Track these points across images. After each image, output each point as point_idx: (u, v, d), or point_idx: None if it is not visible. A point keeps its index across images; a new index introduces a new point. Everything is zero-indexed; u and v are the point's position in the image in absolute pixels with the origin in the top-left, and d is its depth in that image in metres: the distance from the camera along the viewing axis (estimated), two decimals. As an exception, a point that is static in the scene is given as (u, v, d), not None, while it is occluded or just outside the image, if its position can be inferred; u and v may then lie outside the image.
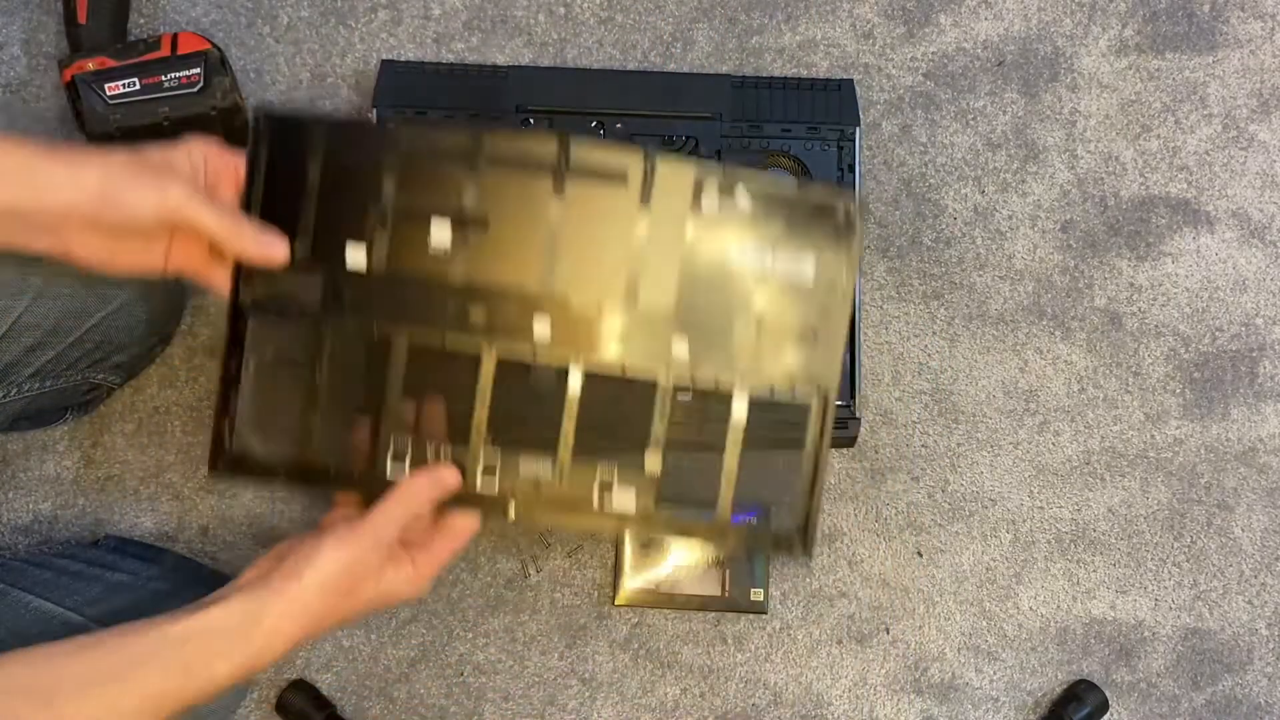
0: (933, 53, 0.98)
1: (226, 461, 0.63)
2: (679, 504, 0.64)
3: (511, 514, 0.64)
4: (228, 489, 0.91)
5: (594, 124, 0.92)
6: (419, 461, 0.64)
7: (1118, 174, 0.98)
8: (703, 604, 0.90)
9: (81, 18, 0.88)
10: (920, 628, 0.93)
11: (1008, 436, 0.95)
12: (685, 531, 0.65)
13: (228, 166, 0.66)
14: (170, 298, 0.85)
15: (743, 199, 0.62)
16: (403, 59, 0.95)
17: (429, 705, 0.91)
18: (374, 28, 0.97)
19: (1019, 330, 0.96)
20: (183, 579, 0.82)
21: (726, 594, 0.90)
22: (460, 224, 0.61)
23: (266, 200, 0.63)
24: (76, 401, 0.85)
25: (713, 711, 0.92)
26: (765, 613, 0.91)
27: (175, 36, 0.87)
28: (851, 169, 0.92)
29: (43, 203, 0.60)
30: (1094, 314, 0.96)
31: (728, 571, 0.90)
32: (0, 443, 0.90)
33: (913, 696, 0.93)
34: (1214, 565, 0.95)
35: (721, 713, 0.92)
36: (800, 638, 0.92)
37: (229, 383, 0.63)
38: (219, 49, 0.87)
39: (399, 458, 0.64)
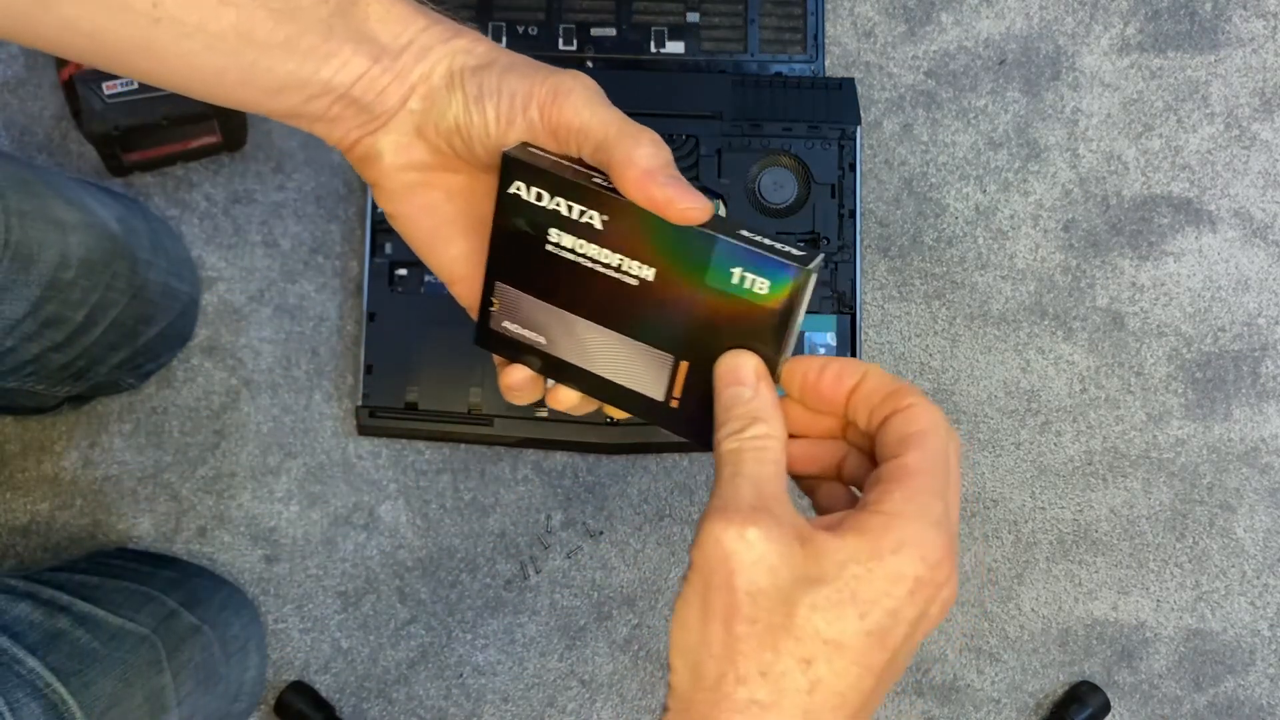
0: (934, 51, 0.98)
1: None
2: None
3: None
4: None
5: (594, 123, 0.91)
6: None
7: (1120, 173, 0.97)
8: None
9: (79, 16, 0.88)
10: (921, 629, 0.93)
11: (1009, 437, 0.95)
12: None
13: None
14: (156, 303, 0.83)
15: None
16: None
17: (428, 707, 0.90)
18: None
19: (1021, 330, 0.96)
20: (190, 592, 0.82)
21: None
22: None
23: None
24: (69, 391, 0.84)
25: (713, 713, 0.91)
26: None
27: (173, 35, 0.87)
28: (852, 168, 0.92)
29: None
30: (1096, 314, 0.96)
31: None
32: (-3, 443, 0.90)
33: (914, 698, 0.92)
34: (1216, 566, 0.94)
35: (722, 714, 0.91)
36: (801, 639, 0.92)
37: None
38: (217, 47, 0.87)
39: None
